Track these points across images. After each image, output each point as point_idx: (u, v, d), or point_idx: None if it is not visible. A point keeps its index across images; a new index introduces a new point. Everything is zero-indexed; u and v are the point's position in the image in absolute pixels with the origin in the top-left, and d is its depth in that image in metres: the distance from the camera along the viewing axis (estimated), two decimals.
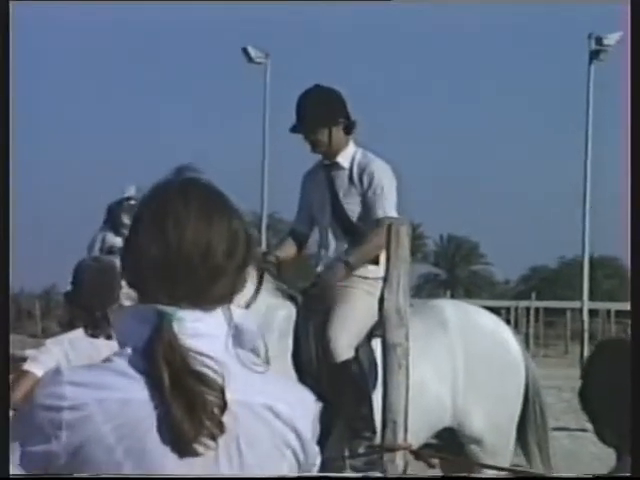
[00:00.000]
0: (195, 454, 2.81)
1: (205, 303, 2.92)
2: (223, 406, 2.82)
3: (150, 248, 2.91)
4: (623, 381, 4.70)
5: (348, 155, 8.50)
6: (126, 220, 7.27)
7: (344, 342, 7.86)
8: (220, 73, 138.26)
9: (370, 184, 8.34)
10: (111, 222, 7.80)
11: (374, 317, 7.73)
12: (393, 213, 8.25)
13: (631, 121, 5.20)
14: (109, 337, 6.40)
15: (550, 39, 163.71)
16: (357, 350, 7.87)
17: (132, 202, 7.83)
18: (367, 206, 8.33)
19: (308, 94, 8.64)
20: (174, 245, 2.90)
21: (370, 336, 7.85)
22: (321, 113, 8.50)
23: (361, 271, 8.25)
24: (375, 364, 7.50)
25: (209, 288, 2.93)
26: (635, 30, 5.52)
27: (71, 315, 7.07)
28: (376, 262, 8.20)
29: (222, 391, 2.82)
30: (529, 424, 8.50)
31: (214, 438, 2.81)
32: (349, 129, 8.56)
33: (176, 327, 2.84)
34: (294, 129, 8.64)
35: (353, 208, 8.41)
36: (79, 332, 6.61)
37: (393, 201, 8.37)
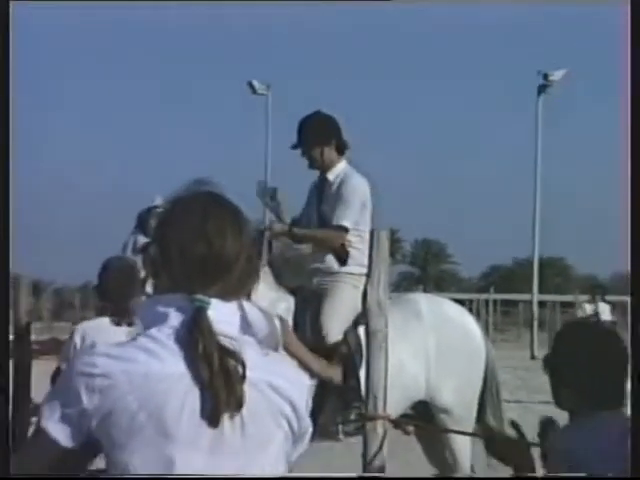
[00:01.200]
0: (214, 422, 2.81)
1: (228, 296, 2.93)
2: (243, 380, 2.83)
3: (193, 249, 2.93)
4: (583, 354, 4.78)
5: (337, 171, 8.49)
6: (154, 224, 7.27)
7: (334, 328, 7.94)
8: (228, 101, 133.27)
9: (340, 197, 8.38)
10: (141, 227, 7.83)
11: (359, 308, 7.81)
12: (344, 221, 8.29)
13: (631, 123, 4.72)
14: (130, 324, 6.57)
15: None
16: (345, 335, 7.92)
17: (159, 210, 7.83)
18: (333, 212, 8.35)
19: (307, 118, 8.67)
20: (215, 249, 2.94)
21: (356, 323, 7.87)
22: (316, 135, 8.50)
23: (348, 269, 8.26)
24: (360, 346, 7.47)
25: (234, 285, 2.95)
26: (635, 30, 5.07)
27: (99, 306, 7.16)
28: (341, 259, 8.30)
29: (244, 365, 2.83)
30: (487, 397, 8.54)
31: (239, 408, 2.82)
32: (341, 149, 8.53)
33: (211, 315, 2.85)
34: (295, 147, 8.60)
35: (327, 209, 8.47)
36: (105, 320, 6.72)
37: (352, 211, 8.36)
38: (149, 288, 3.26)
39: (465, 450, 8.38)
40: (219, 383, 2.81)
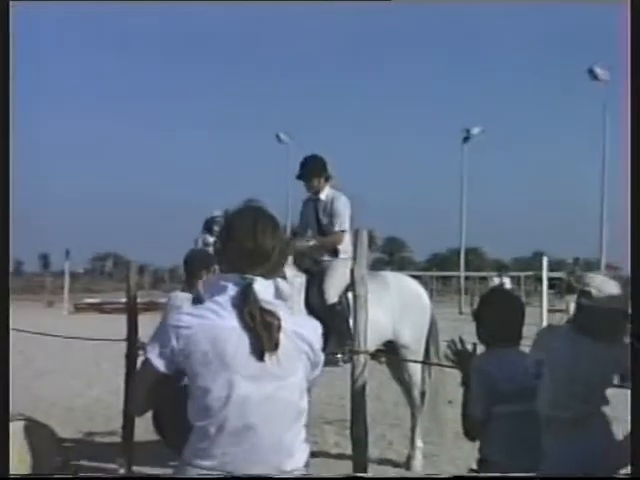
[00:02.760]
0: (260, 357, 2.83)
1: (267, 275, 2.93)
2: (279, 331, 2.85)
3: (245, 245, 2.95)
4: (492, 307, 4.85)
5: (325, 193, 8.40)
6: (216, 228, 7.31)
7: (332, 294, 7.94)
8: (261, 149, 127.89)
9: (336, 210, 8.30)
10: (207, 229, 7.81)
11: (347, 280, 7.67)
12: (344, 227, 8.24)
13: (631, 125, 3.70)
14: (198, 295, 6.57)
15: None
16: (339, 298, 7.90)
17: (218, 218, 7.89)
18: (331, 219, 8.27)
19: (307, 159, 8.57)
20: (260, 245, 2.96)
21: (346, 291, 7.69)
22: (311, 170, 8.44)
23: (340, 256, 8.19)
24: (349, 306, 7.30)
25: (271, 268, 2.96)
26: (635, 30, 3.96)
27: (183, 281, 7.24)
28: (334, 252, 8.26)
29: (279, 319, 2.85)
30: (431, 338, 8.49)
31: (274, 350, 2.84)
32: (328, 179, 8.43)
33: (256, 288, 2.88)
34: (299, 177, 8.52)
35: (324, 219, 8.34)
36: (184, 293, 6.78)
37: (346, 219, 8.29)
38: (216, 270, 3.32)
39: (417, 372, 8.39)
40: (261, 331, 2.82)
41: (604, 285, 4.52)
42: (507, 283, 24.90)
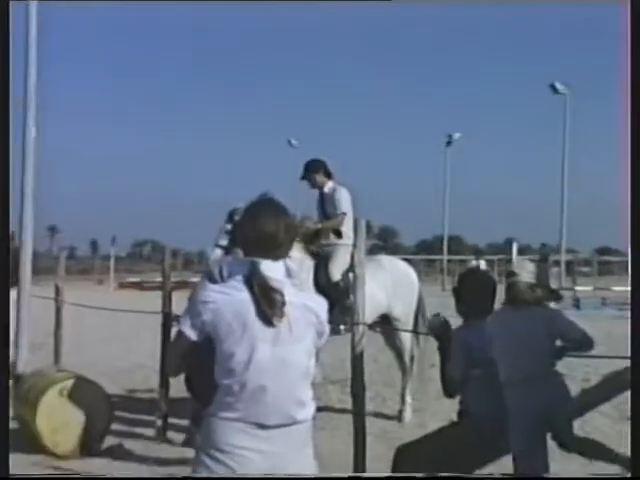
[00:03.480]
0: (272, 325, 2.82)
1: (278, 258, 2.93)
2: (283, 302, 2.85)
3: (259, 232, 2.94)
4: (469, 285, 4.92)
5: (328, 186, 8.41)
6: (237, 218, 7.35)
7: (336, 274, 7.97)
8: (276, 153, 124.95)
9: (337, 199, 8.32)
10: (230, 219, 7.79)
11: (348, 262, 7.61)
12: (345, 210, 8.26)
13: (631, 123, 3.40)
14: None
15: None
16: (342, 277, 7.91)
17: (239, 210, 7.86)
18: (335, 207, 8.28)
19: (307, 162, 8.59)
20: (270, 232, 2.94)
21: (347, 271, 7.71)
22: (311, 169, 8.46)
23: (342, 241, 8.17)
24: (349, 283, 7.19)
25: (281, 252, 2.96)
26: (635, 30, 3.56)
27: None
28: (339, 233, 8.24)
29: (282, 295, 2.84)
30: (419, 311, 8.49)
31: (279, 318, 2.84)
32: (329, 176, 8.46)
33: (263, 268, 2.88)
34: (302, 178, 8.55)
35: (329, 209, 8.36)
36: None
37: (347, 205, 8.30)
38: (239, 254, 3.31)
39: (407, 340, 8.42)
40: (266, 304, 2.82)
41: (523, 266, 4.61)
42: (482, 265, 24.87)
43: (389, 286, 8.37)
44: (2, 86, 3.64)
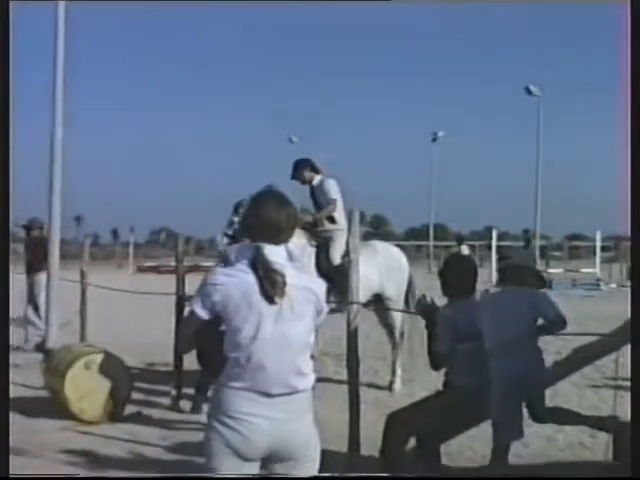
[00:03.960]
0: (274, 303, 2.80)
1: (280, 243, 2.90)
2: (284, 283, 2.82)
3: (263, 221, 2.91)
4: (452, 268, 4.92)
5: (316, 180, 8.33)
6: (241, 210, 7.30)
7: (336, 258, 7.95)
8: (277, 149, 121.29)
9: (326, 189, 8.26)
10: (235, 211, 7.74)
11: (345, 247, 7.56)
12: (335, 197, 8.22)
13: (631, 121, 3.20)
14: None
15: None
16: (342, 260, 7.76)
17: (244, 202, 7.79)
18: (325, 197, 8.22)
19: (296, 161, 8.52)
20: (273, 219, 2.91)
21: (344, 255, 7.50)
22: (298, 168, 8.42)
23: (337, 227, 8.15)
24: (347, 266, 7.47)
25: (283, 238, 2.93)
26: (635, 30, 3.30)
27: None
28: (333, 220, 8.21)
29: (284, 277, 2.82)
30: (409, 291, 8.49)
31: (281, 297, 2.82)
32: (316, 171, 8.38)
33: (266, 252, 2.86)
34: (292, 178, 8.46)
35: (321, 199, 8.30)
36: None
37: (335, 193, 8.24)
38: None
39: (397, 317, 8.40)
40: (269, 284, 2.80)
41: (515, 253, 4.66)
42: (465, 250, 24.82)
43: (382, 269, 8.34)
44: (2, 86, 3.42)
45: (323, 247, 8.11)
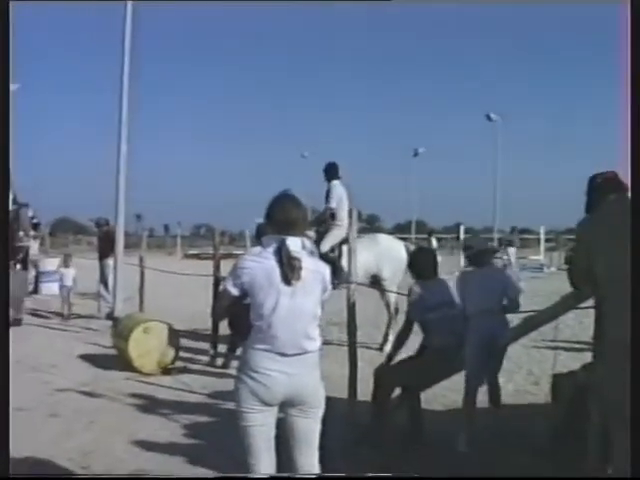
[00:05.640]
0: (291, 284, 2.75)
1: (297, 235, 2.83)
2: (300, 268, 2.76)
3: (283, 217, 2.84)
4: (418, 258, 4.90)
5: (329, 185, 8.16)
6: (261, 229, 7.15)
7: (325, 247, 7.87)
8: (292, 163, 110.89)
9: (328, 194, 8.12)
10: (257, 231, 7.52)
11: (339, 238, 7.74)
12: (332, 203, 8.04)
13: (631, 122, 2.73)
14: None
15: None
16: (331, 249, 7.88)
17: (261, 225, 7.69)
18: (326, 200, 8.10)
19: (325, 166, 8.30)
20: (293, 216, 2.85)
21: (341, 244, 7.70)
22: (324, 171, 8.25)
23: (335, 222, 8.05)
24: (331, 256, 7.32)
25: (299, 231, 2.86)
26: (635, 30, 2.77)
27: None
28: (333, 216, 8.02)
29: (300, 262, 2.76)
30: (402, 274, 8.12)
31: (297, 279, 2.76)
32: (329, 178, 8.17)
33: (288, 243, 2.79)
34: (325, 178, 8.23)
35: (325, 201, 8.15)
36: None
37: (333, 199, 8.02)
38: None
39: (392, 295, 8.16)
40: (289, 269, 2.75)
41: (474, 241, 4.69)
42: (434, 241, 24.41)
43: (379, 256, 8.18)
44: (2, 86, 3.01)
45: (322, 235, 7.98)
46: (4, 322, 2.92)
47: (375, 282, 8.23)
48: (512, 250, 22.37)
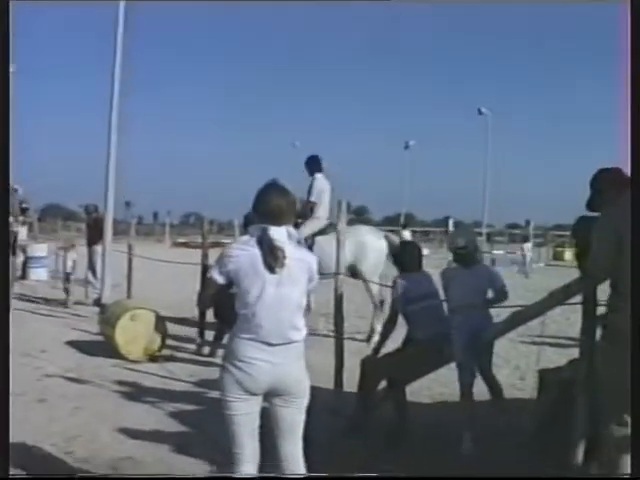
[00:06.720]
0: (275, 272, 2.73)
1: (282, 224, 2.80)
2: (284, 257, 2.75)
3: (269, 206, 2.81)
4: (400, 251, 4.94)
5: (311, 178, 8.17)
6: (249, 217, 7.18)
7: (305, 233, 7.89)
8: (282, 153, 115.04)
9: (310, 187, 8.13)
10: (245, 219, 7.57)
11: (315, 229, 7.86)
12: (313, 197, 8.06)
13: (631, 119, 2.80)
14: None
15: None
16: (305, 239, 7.78)
17: (250, 215, 7.70)
18: (308, 193, 8.12)
19: (307, 159, 8.33)
20: (279, 207, 2.82)
21: (314, 237, 7.83)
22: (305, 164, 8.26)
23: (316, 214, 8.07)
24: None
25: (285, 221, 2.82)
26: (635, 30, 2.80)
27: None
28: (312, 210, 8.03)
29: (283, 251, 2.74)
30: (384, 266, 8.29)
31: (281, 267, 2.74)
32: (311, 171, 8.21)
33: (271, 232, 2.77)
34: (307, 172, 8.29)
35: (307, 194, 8.14)
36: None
37: (315, 193, 8.05)
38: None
39: (374, 287, 8.15)
40: (271, 257, 2.73)
41: (464, 237, 4.63)
42: (407, 234, 24.03)
43: (360, 245, 8.16)
44: (2, 86, 2.98)
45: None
46: (4, 322, 2.90)
47: (355, 273, 8.20)
48: (528, 245, 21.51)
